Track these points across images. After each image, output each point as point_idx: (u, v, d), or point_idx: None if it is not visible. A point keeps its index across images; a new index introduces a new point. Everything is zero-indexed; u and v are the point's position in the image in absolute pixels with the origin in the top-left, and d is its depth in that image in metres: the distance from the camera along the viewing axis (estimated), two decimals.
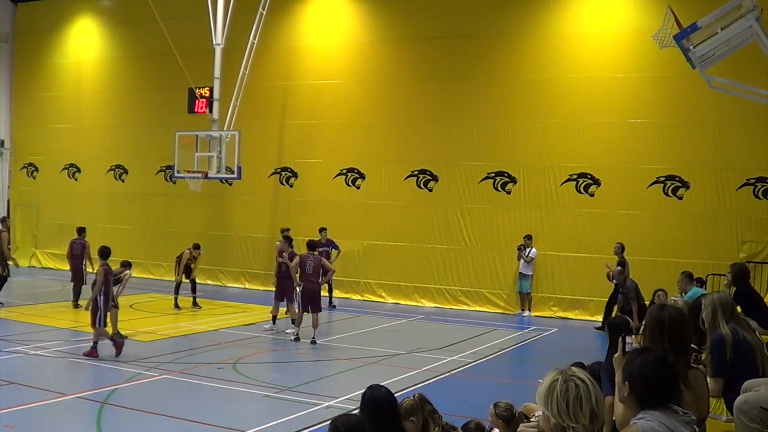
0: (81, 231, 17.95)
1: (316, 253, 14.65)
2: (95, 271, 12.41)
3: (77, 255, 17.52)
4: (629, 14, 18.11)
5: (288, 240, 15.71)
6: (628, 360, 3.60)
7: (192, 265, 17.61)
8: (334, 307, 18.72)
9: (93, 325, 11.94)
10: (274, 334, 14.92)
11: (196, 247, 17.73)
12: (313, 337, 13.91)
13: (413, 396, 5.18)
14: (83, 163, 25.24)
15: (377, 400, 4.56)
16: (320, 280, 14.35)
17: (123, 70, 24.50)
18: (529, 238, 18.37)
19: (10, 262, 16.51)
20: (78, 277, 17.17)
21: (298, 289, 14.52)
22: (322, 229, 18.54)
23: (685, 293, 12.02)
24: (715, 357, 5.65)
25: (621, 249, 16.37)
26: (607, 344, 5.64)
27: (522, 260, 18.32)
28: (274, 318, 15.35)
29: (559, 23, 18.75)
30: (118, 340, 11.97)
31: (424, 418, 5.02)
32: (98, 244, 12.94)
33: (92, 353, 11.77)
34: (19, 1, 26.79)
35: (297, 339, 14.00)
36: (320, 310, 14.37)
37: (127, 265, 13.88)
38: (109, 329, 12.02)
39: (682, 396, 4.42)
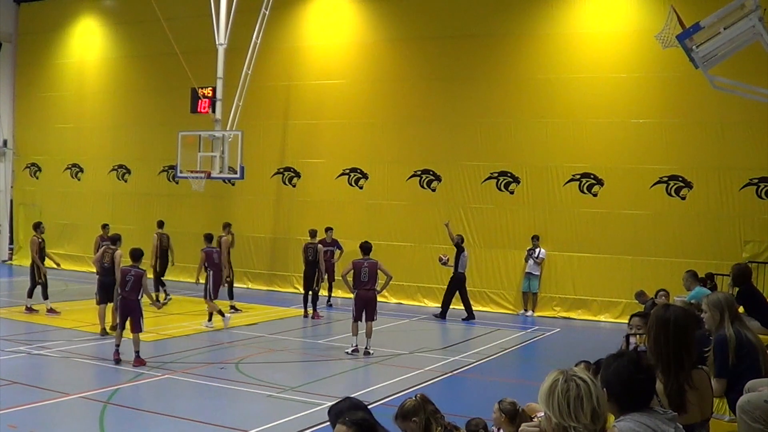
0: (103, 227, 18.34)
1: (371, 256, 13.19)
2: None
3: None
4: (632, 14, 18.08)
5: (211, 238, 16.05)
6: (604, 366, 3.57)
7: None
8: (332, 306, 18.72)
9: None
10: (277, 333, 14.95)
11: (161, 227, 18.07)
12: (366, 348, 12.81)
13: (415, 396, 5.17)
14: (86, 163, 25.29)
15: (329, 413, 4.37)
16: (376, 286, 13.03)
17: (126, 70, 24.54)
18: (536, 238, 18.36)
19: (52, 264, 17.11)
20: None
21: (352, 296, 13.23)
22: (328, 229, 18.54)
23: (690, 292, 11.97)
24: (718, 358, 5.64)
25: (460, 240, 17.60)
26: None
27: (531, 261, 18.32)
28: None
29: (562, 23, 18.72)
30: None
31: (426, 418, 5.01)
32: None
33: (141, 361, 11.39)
34: (22, 1, 26.84)
35: (356, 350, 12.82)
36: (375, 318, 13.05)
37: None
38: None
39: (686, 396, 4.41)
